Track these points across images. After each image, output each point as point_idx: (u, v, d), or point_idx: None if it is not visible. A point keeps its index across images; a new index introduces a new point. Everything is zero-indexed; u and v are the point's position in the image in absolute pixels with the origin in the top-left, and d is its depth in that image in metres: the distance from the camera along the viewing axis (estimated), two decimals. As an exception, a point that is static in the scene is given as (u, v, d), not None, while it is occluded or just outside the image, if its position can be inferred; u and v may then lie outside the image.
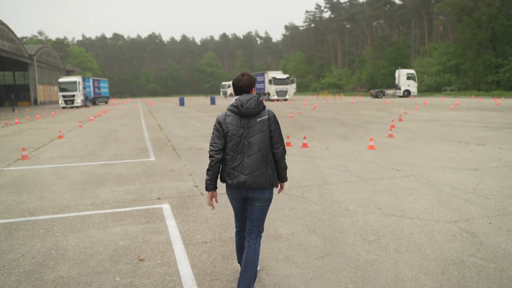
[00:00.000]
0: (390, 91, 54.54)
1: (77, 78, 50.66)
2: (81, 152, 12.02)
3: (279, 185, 3.64)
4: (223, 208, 5.93)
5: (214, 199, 3.61)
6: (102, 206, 6.22)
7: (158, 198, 6.58)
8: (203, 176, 8.15)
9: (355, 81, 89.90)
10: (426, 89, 64.37)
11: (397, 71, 55.60)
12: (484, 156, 9.61)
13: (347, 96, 67.30)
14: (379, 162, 9.18)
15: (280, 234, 4.86)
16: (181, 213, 5.79)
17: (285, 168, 3.58)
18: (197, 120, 23.56)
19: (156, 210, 5.95)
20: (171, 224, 5.30)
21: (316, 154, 10.46)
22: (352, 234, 4.82)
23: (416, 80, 55.35)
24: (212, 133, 3.48)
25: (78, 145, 13.63)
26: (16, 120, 25.80)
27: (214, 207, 3.71)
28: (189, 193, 6.88)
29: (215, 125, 3.47)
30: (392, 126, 16.15)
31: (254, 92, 3.50)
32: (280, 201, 6.16)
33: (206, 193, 6.76)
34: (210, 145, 3.47)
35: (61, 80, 50.40)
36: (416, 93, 54.70)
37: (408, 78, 53.91)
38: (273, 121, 3.43)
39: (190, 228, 5.14)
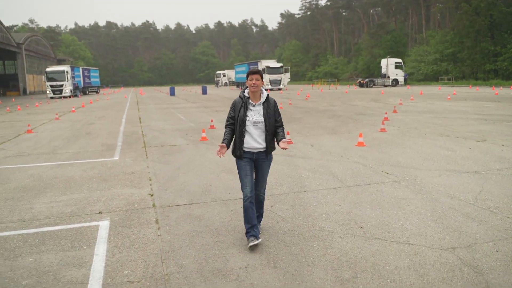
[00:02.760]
0: (380, 80, 54.15)
1: (65, 67, 49.19)
2: (43, 149, 10.91)
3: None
4: (171, 228, 4.87)
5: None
6: (29, 224, 5.15)
7: (100, 212, 5.52)
8: (163, 181, 7.13)
9: (351, 70, 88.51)
10: (423, 78, 63.18)
11: (384, 60, 56.21)
12: (484, 155, 8.57)
13: (342, 85, 66.15)
14: (367, 163, 8.13)
15: (230, 269, 3.81)
16: (118, 234, 4.73)
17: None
18: (182, 111, 22.41)
19: (90, 230, 4.89)
20: (100, 252, 4.24)
21: (298, 152, 9.40)
22: (322, 268, 3.77)
23: (404, 69, 56.14)
24: None
25: (43, 140, 12.51)
26: (-7, 112, 24.58)
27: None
28: (139, 204, 5.82)
29: None
30: (386, 118, 15.10)
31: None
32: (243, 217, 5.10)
33: (159, 204, 5.72)
34: None
35: (48, 69, 48.94)
36: (403, 83, 55.16)
37: (396, 67, 54.65)
38: None
39: (120, 259, 4.08)
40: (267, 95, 4.37)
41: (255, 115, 4.28)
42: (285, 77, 53.49)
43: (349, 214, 5.20)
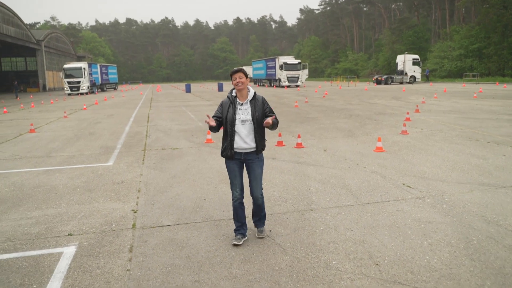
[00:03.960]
0: (398, 77, 52.93)
1: (82, 64, 49.30)
2: (38, 151, 10.27)
3: None
4: (145, 260, 4.04)
5: None
6: (-16, 248, 4.40)
7: (69, 234, 4.74)
8: (153, 193, 6.31)
9: (371, 67, 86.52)
10: (446, 75, 61.00)
11: (400, 56, 55.30)
12: (522, 165, 7.49)
13: (362, 82, 64.54)
14: (386, 173, 7.16)
15: (203, 327, 2.95)
16: (81, 266, 3.93)
17: None
18: (194, 109, 21.67)
19: (49, 260, 4.10)
20: (49, 294, 3.44)
21: (309, 159, 8.48)
22: (323, 330, 2.88)
23: (421, 65, 55.37)
24: None
25: (42, 141, 11.91)
26: (5, 110, 24.34)
27: None
28: (118, 224, 5.01)
29: None
30: (407, 119, 14.01)
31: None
32: (232, 245, 4.25)
33: (139, 225, 4.77)
34: None
35: (66, 66, 49.08)
36: (420, 79, 54.58)
37: (414, 63, 53.83)
38: None
39: (71, 305, 3.27)
40: (254, 92, 4.39)
41: (243, 113, 4.29)
42: (303, 74, 52.35)
43: (362, 243, 4.28)
